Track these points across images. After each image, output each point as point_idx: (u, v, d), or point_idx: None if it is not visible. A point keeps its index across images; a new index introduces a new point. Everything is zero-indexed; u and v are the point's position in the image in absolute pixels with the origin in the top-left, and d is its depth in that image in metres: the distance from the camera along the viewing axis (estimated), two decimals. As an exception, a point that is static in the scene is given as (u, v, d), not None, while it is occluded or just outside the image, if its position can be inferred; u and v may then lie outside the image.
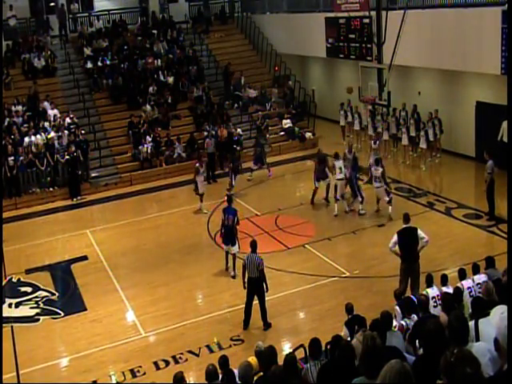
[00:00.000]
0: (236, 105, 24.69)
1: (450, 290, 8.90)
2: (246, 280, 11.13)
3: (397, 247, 10.83)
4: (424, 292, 8.96)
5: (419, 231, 10.83)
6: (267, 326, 11.09)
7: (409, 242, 10.78)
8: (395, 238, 10.84)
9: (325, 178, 16.91)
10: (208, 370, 6.68)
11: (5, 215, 17.30)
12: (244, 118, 24.16)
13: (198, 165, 17.40)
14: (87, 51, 25.10)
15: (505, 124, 17.39)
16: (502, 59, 14.81)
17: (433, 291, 8.95)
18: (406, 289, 10.70)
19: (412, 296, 9.14)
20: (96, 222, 18.10)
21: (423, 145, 19.27)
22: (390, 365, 3.58)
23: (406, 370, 3.54)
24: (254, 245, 11.26)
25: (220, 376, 6.82)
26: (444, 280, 9.35)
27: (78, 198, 19.78)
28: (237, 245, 13.23)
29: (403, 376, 3.51)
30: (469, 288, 8.88)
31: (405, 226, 11.02)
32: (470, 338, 4.74)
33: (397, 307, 8.59)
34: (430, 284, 9.17)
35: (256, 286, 10.99)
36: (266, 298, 11.25)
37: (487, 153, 15.27)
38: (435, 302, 8.65)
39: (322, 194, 17.07)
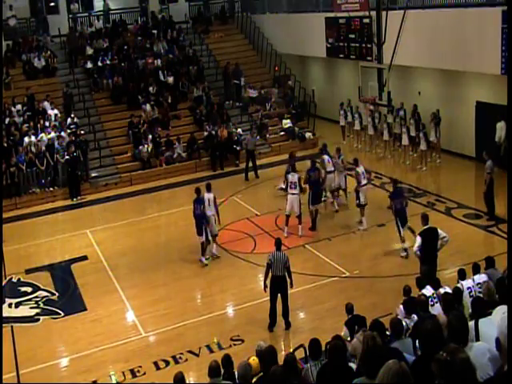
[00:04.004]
0: (235, 96, 24.90)
1: (447, 290, 8.90)
2: (267, 282, 10.95)
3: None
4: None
5: (439, 230, 10.74)
6: (288, 325, 11.04)
7: (431, 242, 10.65)
8: (419, 241, 10.65)
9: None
10: (211, 365, 6.70)
11: (5, 215, 17.29)
12: (244, 118, 24.16)
13: (213, 194, 14.20)
14: (88, 51, 25.09)
15: (499, 125, 17.47)
16: (502, 59, 14.80)
17: (427, 291, 8.94)
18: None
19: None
20: (96, 222, 18.08)
21: (423, 146, 19.24)
22: (387, 366, 3.59)
23: (403, 370, 3.55)
24: (278, 243, 11.19)
25: (222, 374, 6.84)
26: (437, 283, 9.32)
27: (78, 197, 19.79)
28: (203, 234, 13.67)
29: (401, 376, 3.51)
30: (469, 288, 8.87)
31: (425, 227, 10.89)
32: (469, 338, 4.74)
33: (401, 306, 8.58)
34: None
35: (281, 284, 10.90)
36: (265, 299, 11.25)
37: (486, 153, 15.33)
38: (431, 301, 8.66)
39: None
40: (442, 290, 8.92)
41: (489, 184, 15.04)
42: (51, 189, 19.93)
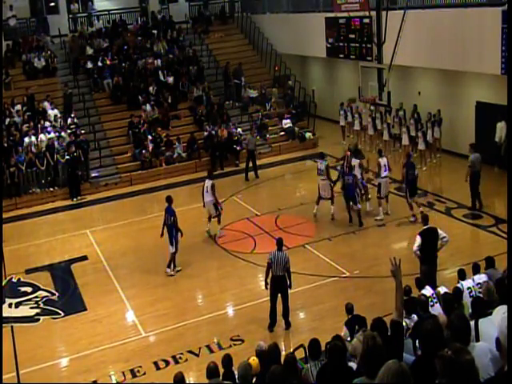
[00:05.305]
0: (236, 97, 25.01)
1: (447, 290, 8.90)
2: (268, 280, 10.96)
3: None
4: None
5: (439, 230, 10.81)
6: (288, 325, 11.04)
7: (431, 242, 10.71)
8: (418, 240, 10.71)
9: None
10: (209, 366, 6.70)
11: (5, 215, 17.30)
12: (244, 118, 24.16)
13: (212, 182, 15.32)
14: (88, 51, 25.07)
15: (499, 125, 17.49)
16: (502, 59, 14.79)
17: (427, 291, 8.94)
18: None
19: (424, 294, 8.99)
20: (96, 221, 18.09)
21: (421, 146, 19.28)
22: (387, 365, 3.59)
23: (403, 369, 3.55)
24: (280, 242, 11.16)
25: (221, 375, 6.83)
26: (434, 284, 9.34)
27: (78, 197, 19.78)
28: (174, 246, 13.60)
29: (401, 376, 3.51)
30: (469, 288, 8.88)
31: (425, 227, 10.97)
32: (470, 338, 4.73)
33: None
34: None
35: (281, 284, 10.90)
36: (265, 299, 11.25)
37: (471, 146, 15.54)
38: (431, 301, 8.66)
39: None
40: (441, 290, 8.92)
41: (471, 177, 15.17)
42: (51, 189, 19.92)
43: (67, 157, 19.87)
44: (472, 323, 5.19)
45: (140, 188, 20.43)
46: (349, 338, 8.15)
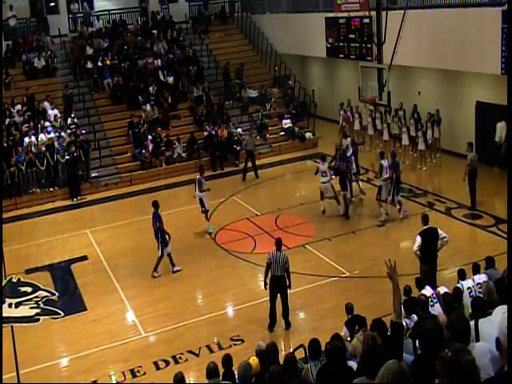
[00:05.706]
0: (238, 95, 25.07)
1: (446, 290, 8.89)
2: (267, 280, 10.97)
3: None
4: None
5: (439, 231, 10.80)
6: (288, 325, 11.04)
7: (431, 242, 10.71)
8: (419, 240, 10.71)
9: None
10: (209, 367, 6.70)
11: (5, 215, 17.31)
12: (244, 118, 24.16)
13: (199, 177, 15.65)
14: (88, 51, 25.07)
15: (499, 125, 17.51)
16: (502, 59, 14.79)
17: (427, 291, 8.94)
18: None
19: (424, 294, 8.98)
20: (96, 222, 18.09)
21: (421, 146, 19.28)
22: (387, 365, 3.59)
23: (403, 369, 3.56)
24: (279, 243, 11.16)
25: (221, 375, 6.84)
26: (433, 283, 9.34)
27: (78, 197, 19.78)
28: (160, 250, 13.60)
29: (401, 376, 3.52)
30: (469, 288, 8.88)
31: (425, 227, 10.96)
32: (470, 338, 4.73)
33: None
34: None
35: (280, 284, 10.90)
36: (265, 299, 11.25)
37: (469, 145, 15.57)
38: (431, 301, 8.67)
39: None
40: (441, 290, 8.92)
41: (469, 176, 15.16)
42: (51, 189, 19.92)
43: (67, 157, 19.87)
44: (472, 323, 5.20)
45: (140, 188, 20.43)
46: (349, 338, 8.15)
